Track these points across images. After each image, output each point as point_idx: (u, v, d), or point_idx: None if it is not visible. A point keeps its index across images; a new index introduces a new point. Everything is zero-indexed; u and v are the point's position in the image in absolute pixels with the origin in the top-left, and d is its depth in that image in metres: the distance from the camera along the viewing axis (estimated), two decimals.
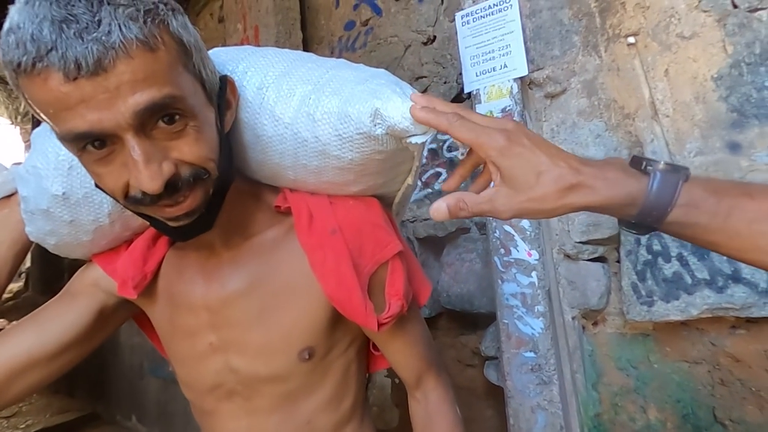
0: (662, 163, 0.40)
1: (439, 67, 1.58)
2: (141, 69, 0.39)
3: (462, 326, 1.58)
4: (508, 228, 1.12)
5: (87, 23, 0.37)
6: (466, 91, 1.24)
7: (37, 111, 0.42)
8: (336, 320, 0.61)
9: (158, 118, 0.41)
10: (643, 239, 1.07)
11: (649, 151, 1.07)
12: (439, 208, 0.43)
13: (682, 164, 0.40)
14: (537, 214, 0.42)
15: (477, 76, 1.22)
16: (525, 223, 1.10)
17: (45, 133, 0.58)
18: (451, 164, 1.47)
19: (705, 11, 1.01)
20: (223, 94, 0.51)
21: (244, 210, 0.59)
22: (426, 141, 0.48)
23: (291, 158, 0.55)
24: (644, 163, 0.41)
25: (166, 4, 0.42)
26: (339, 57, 1.89)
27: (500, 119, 0.44)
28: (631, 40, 1.09)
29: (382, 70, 0.55)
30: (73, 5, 0.37)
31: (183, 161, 0.44)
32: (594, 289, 1.17)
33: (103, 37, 0.37)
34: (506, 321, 1.11)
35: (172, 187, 0.43)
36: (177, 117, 0.43)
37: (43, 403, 3.69)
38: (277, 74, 0.54)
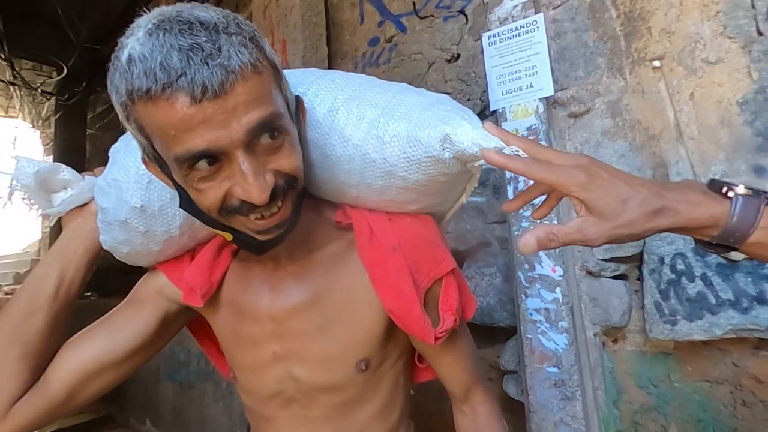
0: (742, 186, 0.42)
1: (463, 84, 1.62)
2: (253, 90, 0.43)
3: (480, 339, 1.60)
4: None
5: (210, 51, 0.40)
6: (491, 109, 1.27)
7: (150, 135, 0.45)
8: (389, 333, 0.63)
9: (262, 134, 0.45)
10: (667, 258, 1.08)
11: (673, 172, 1.09)
12: (527, 242, 0.44)
13: (761, 188, 0.42)
14: (626, 239, 0.43)
15: (503, 95, 1.25)
16: None
17: (126, 149, 0.62)
18: None
19: (730, 38, 1.03)
20: (298, 113, 0.54)
21: (308, 225, 0.61)
22: (487, 166, 0.51)
23: (357, 177, 0.57)
24: (725, 187, 0.42)
25: (258, 32, 0.46)
26: (362, 72, 1.94)
27: (574, 155, 0.46)
28: (657, 63, 1.12)
29: (446, 95, 0.58)
30: (196, 35, 0.40)
31: (280, 172, 0.47)
32: (616, 306, 1.19)
33: (225, 62, 0.41)
34: (529, 336, 1.13)
35: (272, 196, 0.46)
36: (277, 133, 0.46)
37: None
38: (347, 97, 0.57)
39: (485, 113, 1.54)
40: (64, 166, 0.67)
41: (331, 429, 0.65)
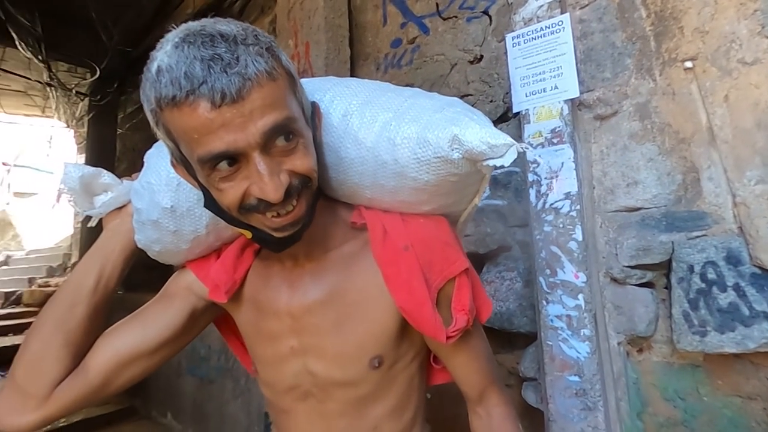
0: None
1: (486, 85, 1.60)
2: (268, 96, 0.46)
3: (498, 345, 1.57)
4: (555, 249, 1.12)
5: (229, 60, 0.44)
6: (514, 110, 1.25)
7: (177, 139, 0.49)
8: (403, 332, 0.64)
9: (277, 137, 0.48)
10: (697, 267, 1.04)
11: (705, 177, 1.05)
12: None
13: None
14: None
15: (526, 96, 1.23)
16: (573, 244, 1.10)
17: (158, 154, 0.66)
18: (495, 181, 1.48)
19: None
20: (313, 117, 0.57)
21: (324, 225, 0.64)
22: (501, 164, 0.51)
23: (370, 178, 0.60)
24: None
25: (274, 43, 0.49)
26: (385, 73, 1.94)
27: None
28: (689, 64, 1.08)
29: (457, 99, 0.60)
30: (216, 46, 0.44)
31: (294, 172, 0.50)
32: (642, 315, 1.15)
33: (242, 71, 0.44)
34: (550, 342, 1.10)
35: (286, 195, 0.49)
36: (291, 136, 0.49)
37: None
38: (360, 102, 0.60)
39: (508, 115, 1.52)
40: (105, 171, 0.72)
41: (345, 424, 0.67)
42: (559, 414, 1.08)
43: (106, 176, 0.72)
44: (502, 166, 0.51)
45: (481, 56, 1.61)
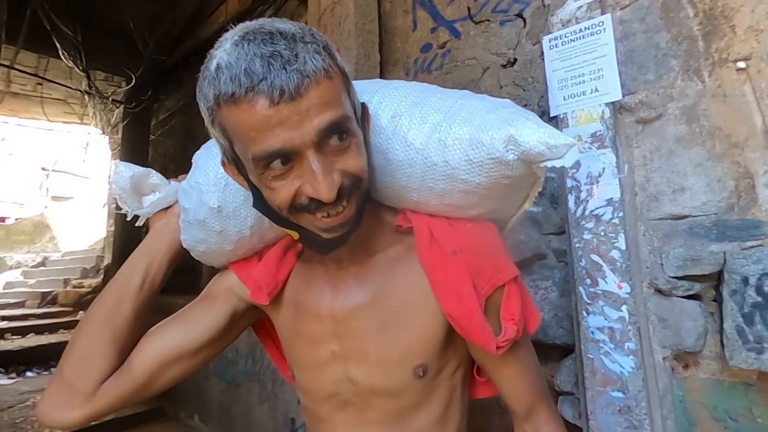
0: None
1: (519, 89, 1.57)
2: (325, 94, 0.46)
3: None
4: (596, 258, 1.07)
5: (288, 57, 0.44)
6: (552, 114, 1.21)
7: (232, 137, 0.48)
8: (448, 341, 0.62)
9: (332, 136, 0.47)
10: (753, 279, 0.98)
11: (761, 183, 0.99)
12: None
13: None
14: None
15: (564, 99, 1.19)
16: (615, 253, 1.05)
17: (207, 155, 0.67)
18: None
19: None
20: (363, 119, 0.56)
21: (369, 228, 0.62)
22: (560, 165, 0.49)
23: (418, 181, 0.58)
24: None
25: (329, 42, 0.49)
26: (414, 78, 1.93)
27: None
28: (742, 64, 1.02)
29: (508, 100, 0.58)
30: (276, 44, 0.44)
31: (347, 172, 0.50)
32: (690, 329, 1.08)
33: (301, 68, 0.44)
34: (591, 356, 1.05)
35: (338, 195, 0.48)
36: (345, 135, 0.49)
37: None
38: (410, 104, 0.59)
39: (543, 119, 1.48)
40: (154, 171, 0.74)
41: None
42: (601, 431, 1.02)
43: (155, 176, 0.73)
44: (549, 176, 0.49)
45: (515, 60, 1.58)
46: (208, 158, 0.66)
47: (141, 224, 0.75)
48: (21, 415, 3.43)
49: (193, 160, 0.69)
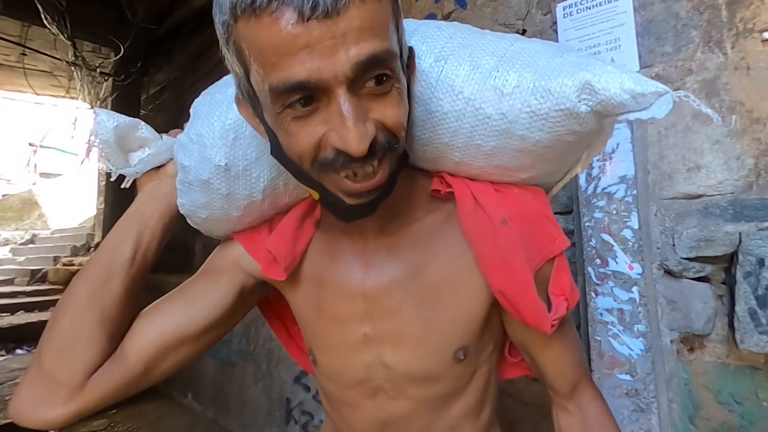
0: None
1: None
2: (369, 17, 0.37)
3: None
4: (606, 237, 1.03)
5: None
6: None
7: (249, 60, 0.39)
8: (488, 320, 0.56)
9: (371, 74, 0.38)
10: None
11: None
12: None
13: None
14: None
15: None
16: (627, 232, 1.01)
17: (210, 102, 0.56)
18: None
19: None
20: (409, 64, 0.46)
21: (403, 193, 0.54)
22: (649, 118, 0.41)
23: (464, 137, 0.50)
24: None
25: None
26: None
27: None
28: None
29: (571, 44, 0.50)
30: None
31: (383, 124, 0.41)
32: (700, 311, 1.06)
33: None
34: (599, 338, 1.02)
35: (370, 151, 0.40)
36: (385, 78, 0.39)
37: None
38: (457, 45, 0.49)
39: None
40: (143, 123, 0.62)
41: (420, 425, 0.58)
42: None
43: (144, 129, 0.61)
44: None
45: (524, 30, 1.51)
46: (212, 106, 0.55)
47: (128, 186, 0.64)
48: (10, 393, 3.39)
49: (191, 110, 0.58)
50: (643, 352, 0.97)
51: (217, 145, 0.54)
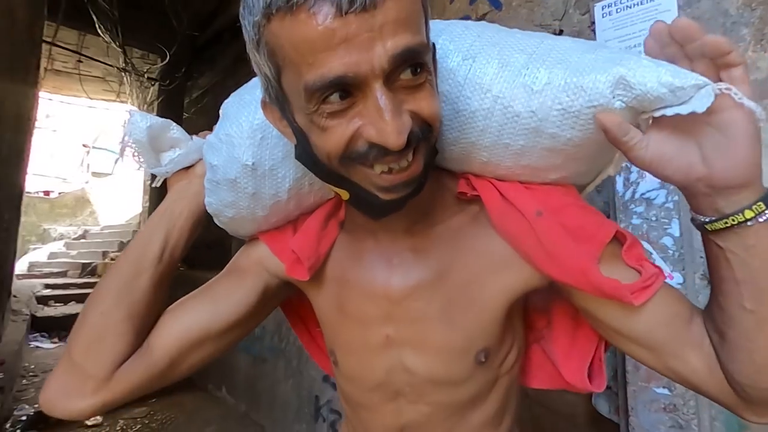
0: None
1: None
2: (404, 9, 0.37)
3: None
4: (645, 244, 0.99)
5: None
6: None
7: (282, 61, 0.40)
8: (508, 319, 0.55)
9: (406, 67, 0.39)
10: None
11: None
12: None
13: None
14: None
15: None
16: (667, 240, 0.97)
17: (239, 103, 0.58)
18: None
19: None
20: (434, 60, 0.46)
21: (428, 195, 0.53)
22: (689, 112, 0.38)
23: (493, 136, 0.49)
24: None
25: None
26: None
27: None
28: None
29: (602, 42, 0.48)
30: None
31: (418, 115, 0.41)
32: None
33: None
34: None
35: (407, 144, 0.40)
36: (419, 69, 0.40)
37: None
38: (485, 43, 0.49)
39: None
40: (174, 123, 0.64)
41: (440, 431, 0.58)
42: (643, 429, 0.96)
43: (175, 130, 0.63)
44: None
45: (561, 31, 1.47)
46: (240, 107, 0.57)
47: (158, 185, 0.66)
48: None
49: (221, 111, 0.60)
50: None
51: (244, 144, 0.55)
